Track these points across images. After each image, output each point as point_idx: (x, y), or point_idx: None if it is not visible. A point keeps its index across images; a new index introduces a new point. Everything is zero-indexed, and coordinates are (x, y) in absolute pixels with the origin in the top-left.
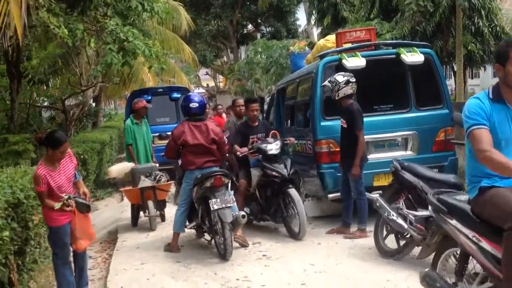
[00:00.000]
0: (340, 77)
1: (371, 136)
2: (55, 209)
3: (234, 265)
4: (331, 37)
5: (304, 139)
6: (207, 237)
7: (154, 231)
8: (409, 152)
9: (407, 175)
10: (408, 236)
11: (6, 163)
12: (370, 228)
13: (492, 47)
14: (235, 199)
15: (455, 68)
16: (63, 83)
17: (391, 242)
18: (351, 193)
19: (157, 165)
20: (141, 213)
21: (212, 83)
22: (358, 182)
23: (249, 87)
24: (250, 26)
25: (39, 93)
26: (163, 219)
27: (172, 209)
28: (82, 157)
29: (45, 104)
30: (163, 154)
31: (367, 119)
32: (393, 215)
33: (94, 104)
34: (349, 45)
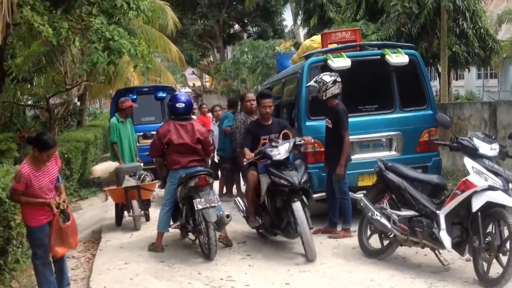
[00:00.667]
0: (327, 77)
1: (356, 136)
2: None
3: (218, 264)
4: (317, 38)
5: None
6: (191, 236)
7: (138, 231)
8: (394, 152)
9: (391, 175)
10: (391, 235)
11: None
12: (354, 228)
13: (476, 49)
14: (245, 207)
15: (440, 69)
16: (47, 82)
17: (375, 241)
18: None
19: (142, 164)
20: (126, 213)
21: (198, 83)
22: (341, 182)
23: (235, 87)
24: (236, 26)
25: (23, 92)
26: (147, 218)
27: (156, 209)
28: (66, 156)
29: (29, 102)
30: (148, 153)
31: (352, 119)
32: (377, 215)
33: (79, 103)
34: (334, 46)
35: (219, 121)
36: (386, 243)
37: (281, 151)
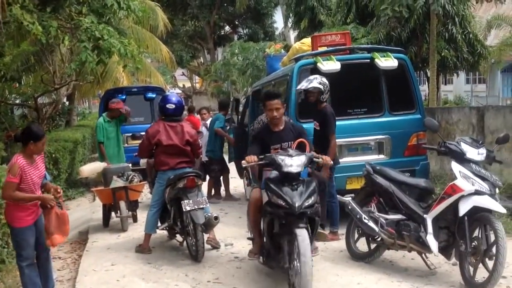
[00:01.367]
0: (325, 79)
1: (345, 139)
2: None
3: (205, 266)
4: (307, 40)
5: None
6: (179, 238)
7: (125, 232)
8: (382, 156)
9: (379, 179)
10: (379, 239)
11: None
12: (342, 231)
13: (465, 54)
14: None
15: (429, 73)
16: (36, 81)
17: (362, 245)
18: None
19: (130, 165)
20: (113, 214)
21: (188, 84)
22: (329, 185)
23: (226, 88)
24: (227, 27)
25: (11, 91)
26: (135, 219)
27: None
28: (54, 156)
29: (17, 101)
30: (136, 154)
31: (341, 122)
32: (365, 218)
33: (67, 102)
34: (324, 49)
35: (210, 122)
36: (373, 246)
37: (294, 162)
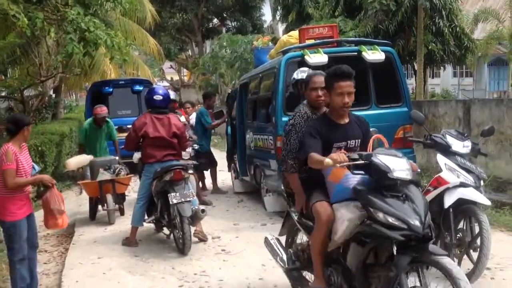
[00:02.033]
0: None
1: None
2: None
3: (192, 259)
4: (295, 33)
5: (265, 134)
6: (166, 231)
7: (112, 225)
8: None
9: None
10: None
11: None
12: None
13: (452, 48)
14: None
15: (416, 67)
16: (22, 73)
17: None
18: None
19: (117, 158)
20: (100, 207)
21: (176, 77)
22: None
23: (214, 81)
24: (215, 20)
25: None
26: (122, 213)
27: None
28: (40, 149)
29: (3, 94)
30: (123, 146)
31: None
32: None
33: (54, 95)
34: (311, 42)
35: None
36: None
37: (403, 165)
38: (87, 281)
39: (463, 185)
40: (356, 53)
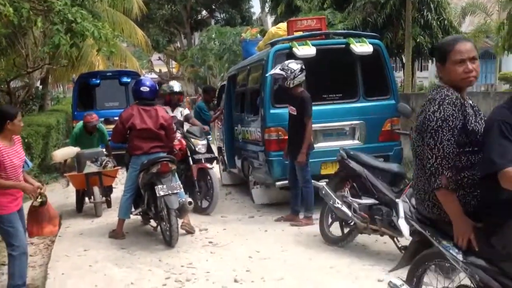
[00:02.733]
0: (294, 65)
1: (320, 124)
2: (34, 205)
3: (179, 252)
4: (283, 25)
5: (253, 127)
6: (153, 223)
7: (99, 217)
8: (356, 141)
9: (352, 164)
10: (352, 223)
11: None
12: (316, 216)
13: (440, 40)
14: None
15: (404, 60)
16: (8, 64)
17: (336, 229)
18: (298, 181)
19: (104, 150)
20: (87, 199)
21: (165, 69)
22: (304, 170)
23: (202, 73)
24: (204, 12)
25: None
26: (109, 205)
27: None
28: (26, 141)
29: None
30: (110, 138)
31: (316, 108)
32: (338, 203)
33: (41, 86)
34: (300, 34)
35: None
36: (346, 230)
37: None
38: (73, 273)
39: None
40: (344, 46)
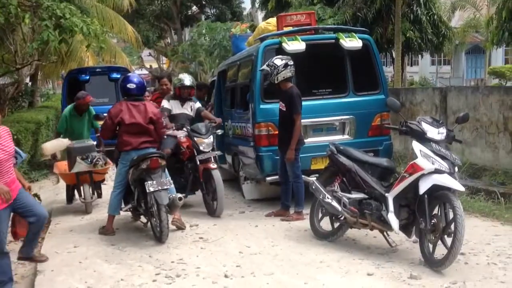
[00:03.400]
0: (278, 61)
1: (310, 120)
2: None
3: (170, 247)
4: (273, 20)
5: (243, 122)
6: (143, 219)
7: (89, 214)
8: (346, 136)
9: (342, 159)
10: (342, 218)
11: None
12: (307, 211)
13: (429, 35)
14: None
15: (394, 55)
16: None
17: (326, 224)
18: (289, 176)
19: (95, 143)
20: (77, 195)
21: (155, 65)
22: (294, 165)
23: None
24: (194, 7)
25: None
26: (99, 196)
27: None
28: (15, 137)
29: None
30: (99, 134)
31: (306, 103)
32: (328, 198)
33: (30, 83)
34: (289, 29)
35: None
36: (336, 225)
37: None
38: (63, 270)
39: (437, 171)
40: (333, 41)
